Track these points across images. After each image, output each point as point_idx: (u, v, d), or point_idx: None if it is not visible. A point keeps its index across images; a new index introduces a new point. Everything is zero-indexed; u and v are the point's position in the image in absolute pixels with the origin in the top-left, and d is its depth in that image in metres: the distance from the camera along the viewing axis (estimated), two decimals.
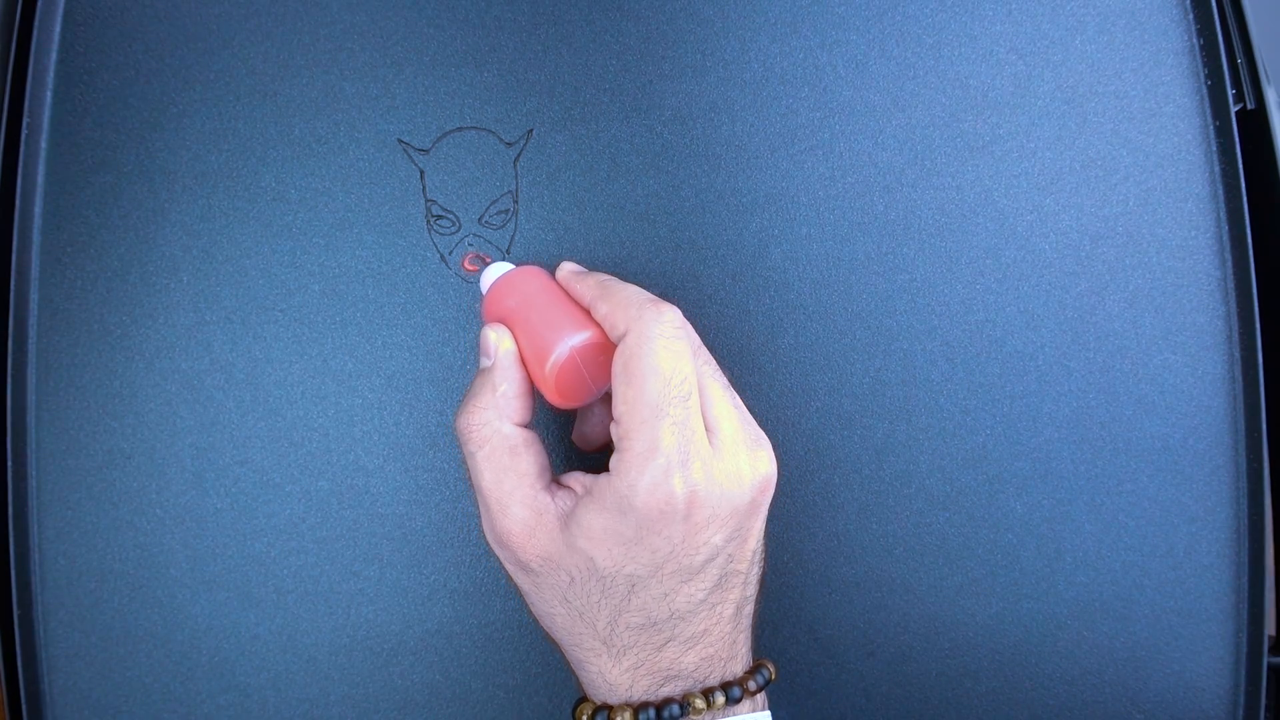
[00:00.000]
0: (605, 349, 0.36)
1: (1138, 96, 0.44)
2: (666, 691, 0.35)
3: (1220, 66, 0.44)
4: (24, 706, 0.40)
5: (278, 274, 0.42)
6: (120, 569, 0.41)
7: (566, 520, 0.34)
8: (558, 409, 0.38)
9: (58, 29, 0.41)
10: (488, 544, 0.37)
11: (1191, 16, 0.44)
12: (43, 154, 0.41)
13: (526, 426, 0.36)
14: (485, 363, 0.37)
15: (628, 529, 0.33)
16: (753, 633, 0.38)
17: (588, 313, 0.37)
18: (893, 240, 0.43)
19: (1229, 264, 0.44)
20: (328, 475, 0.41)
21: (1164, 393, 0.43)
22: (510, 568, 0.36)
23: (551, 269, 0.42)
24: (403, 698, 0.41)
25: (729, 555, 0.35)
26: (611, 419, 0.34)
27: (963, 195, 0.43)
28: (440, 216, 0.42)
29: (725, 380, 0.37)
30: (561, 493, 0.36)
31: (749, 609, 0.37)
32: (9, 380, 0.41)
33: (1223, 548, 0.43)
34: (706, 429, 0.34)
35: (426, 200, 0.42)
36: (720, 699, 0.35)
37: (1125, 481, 0.43)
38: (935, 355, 0.43)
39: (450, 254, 0.42)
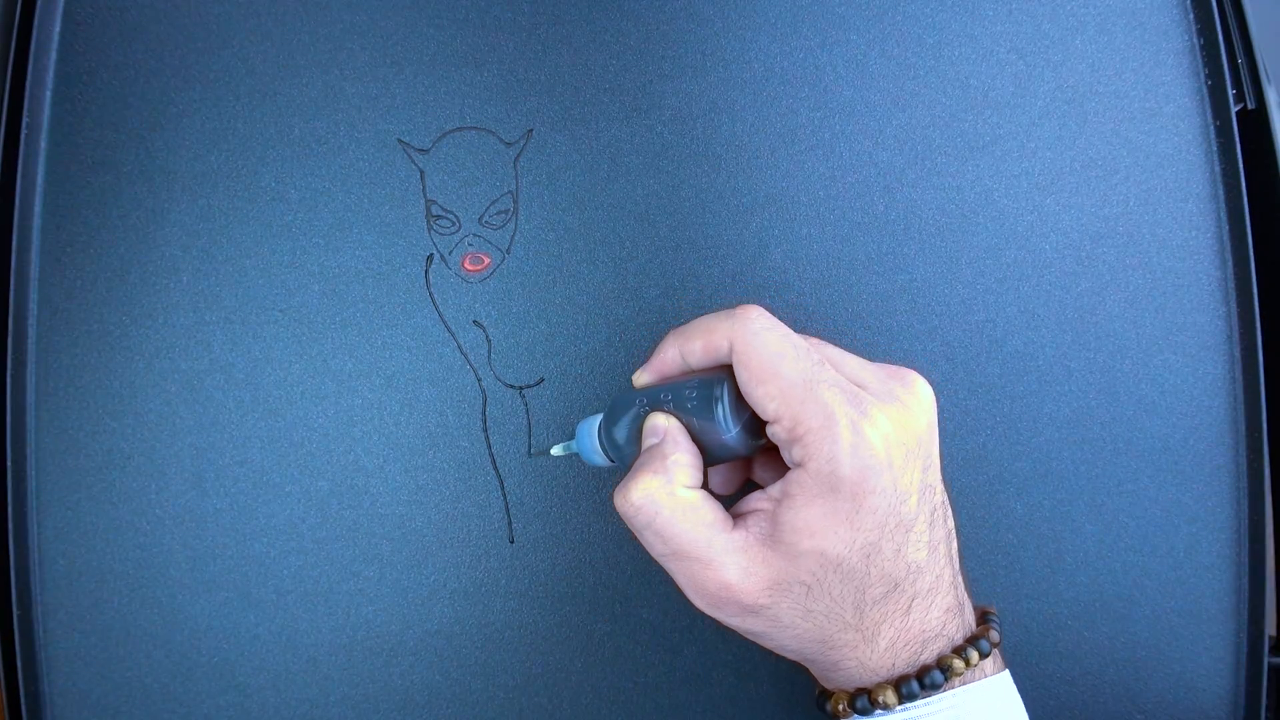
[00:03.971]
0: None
1: (1138, 96, 0.44)
2: (925, 658, 0.34)
3: (1221, 66, 0.44)
4: (24, 707, 0.40)
5: (277, 274, 0.41)
6: (120, 569, 0.41)
7: (771, 539, 0.34)
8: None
9: (57, 29, 0.41)
10: (700, 611, 0.35)
11: (1192, 16, 0.44)
12: (42, 154, 0.41)
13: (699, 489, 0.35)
14: (652, 441, 0.36)
15: (844, 502, 0.32)
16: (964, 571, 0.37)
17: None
18: (893, 240, 0.43)
19: (1229, 264, 0.44)
20: (328, 475, 0.41)
21: (1164, 393, 0.43)
22: (736, 620, 0.35)
23: (552, 270, 0.42)
24: (403, 698, 0.41)
25: (929, 487, 0.35)
26: (758, 440, 0.35)
27: (963, 195, 0.43)
28: (440, 216, 0.42)
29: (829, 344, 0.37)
30: (748, 519, 0.34)
31: (955, 544, 0.36)
32: (9, 380, 0.41)
33: (1223, 548, 0.43)
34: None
35: (426, 200, 0.42)
36: (974, 655, 0.34)
37: (1126, 482, 0.43)
38: (935, 355, 0.43)
39: (450, 254, 0.42)
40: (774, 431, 0.34)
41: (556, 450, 0.40)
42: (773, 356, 0.33)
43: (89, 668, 0.41)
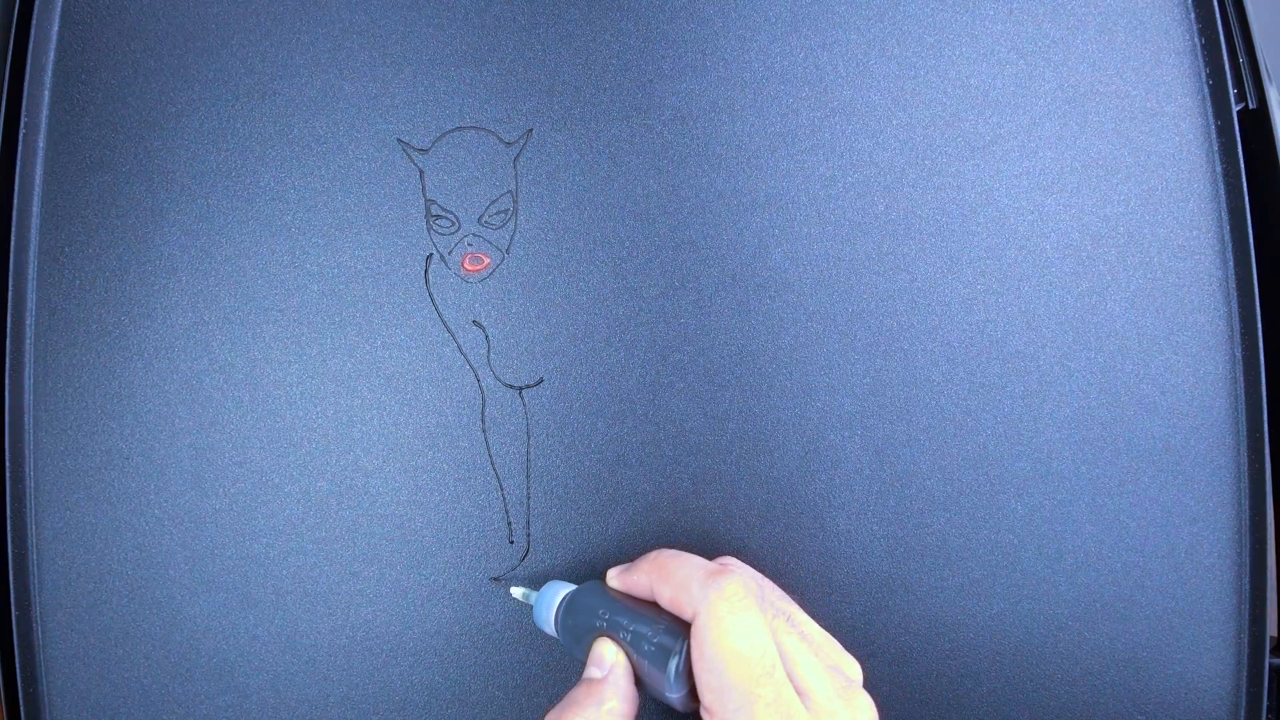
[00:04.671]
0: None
1: (1139, 96, 0.44)
2: None
3: (1222, 66, 0.44)
4: (22, 707, 0.40)
5: (277, 274, 0.41)
6: (120, 569, 0.41)
7: None
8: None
9: (55, 28, 0.41)
10: None
11: (1193, 16, 0.44)
12: (40, 153, 0.41)
13: None
14: (595, 674, 0.36)
15: None
16: None
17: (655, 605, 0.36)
18: (893, 240, 0.43)
19: (1230, 264, 0.44)
20: (327, 475, 0.41)
21: (1165, 393, 0.43)
22: None
23: (552, 270, 0.42)
24: (402, 698, 0.41)
25: None
26: (699, 703, 0.34)
27: (963, 195, 0.43)
28: (440, 216, 0.42)
29: (797, 616, 0.36)
30: None
31: None
32: (7, 380, 0.41)
33: (1224, 548, 0.43)
34: (797, 692, 0.34)
35: (426, 200, 0.42)
36: None
37: (1126, 482, 0.43)
38: (936, 355, 0.43)
39: (450, 254, 0.42)
40: (705, 715, 0.34)
41: (516, 593, 0.41)
42: (727, 653, 0.33)
43: (88, 668, 0.41)
